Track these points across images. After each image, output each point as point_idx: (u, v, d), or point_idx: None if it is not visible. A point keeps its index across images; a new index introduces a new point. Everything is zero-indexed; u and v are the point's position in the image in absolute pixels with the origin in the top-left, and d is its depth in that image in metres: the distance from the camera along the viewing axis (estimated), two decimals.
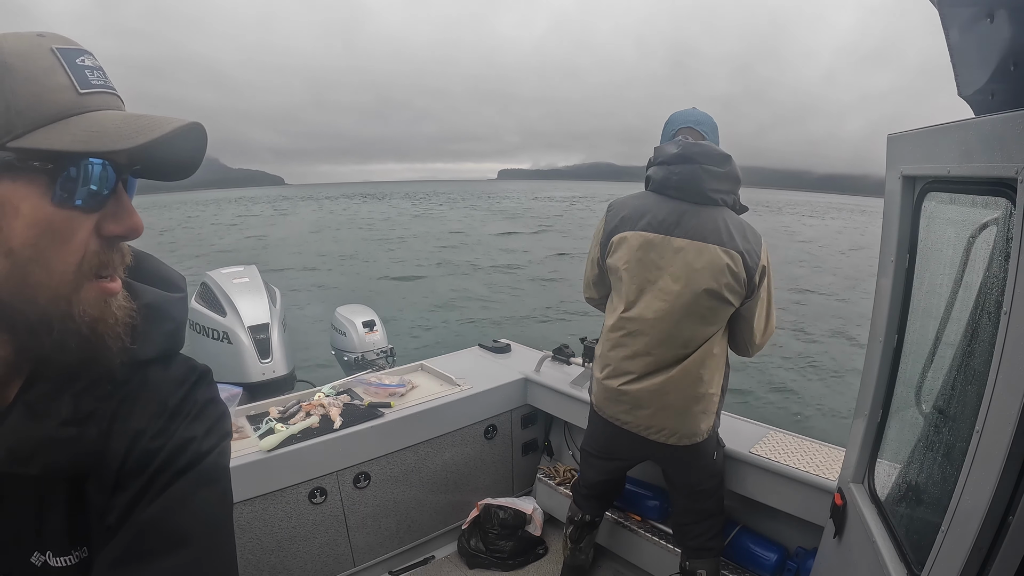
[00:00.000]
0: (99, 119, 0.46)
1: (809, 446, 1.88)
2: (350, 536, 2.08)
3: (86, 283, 0.47)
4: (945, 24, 0.91)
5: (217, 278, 2.96)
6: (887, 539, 1.08)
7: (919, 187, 1.10)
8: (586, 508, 1.99)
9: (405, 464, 2.18)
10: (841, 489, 1.37)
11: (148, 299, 0.55)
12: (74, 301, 0.46)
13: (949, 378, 1.09)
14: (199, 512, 0.53)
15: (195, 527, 0.52)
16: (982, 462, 0.76)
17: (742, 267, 1.56)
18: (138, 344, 0.52)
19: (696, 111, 1.72)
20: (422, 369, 2.62)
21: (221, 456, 0.57)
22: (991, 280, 0.91)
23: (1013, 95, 0.81)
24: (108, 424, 0.51)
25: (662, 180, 1.63)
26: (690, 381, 1.62)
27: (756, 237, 1.61)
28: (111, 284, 0.49)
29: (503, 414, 2.46)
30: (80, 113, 0.45)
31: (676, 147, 1.59)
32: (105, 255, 0.48)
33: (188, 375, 0.58)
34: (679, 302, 1.59)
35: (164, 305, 0.57)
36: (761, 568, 1.89)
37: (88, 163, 0.45)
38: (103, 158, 0.45)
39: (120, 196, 0.49)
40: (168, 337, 0.57)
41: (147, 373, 0.55)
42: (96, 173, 0.45)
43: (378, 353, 3.01)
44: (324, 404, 2.13)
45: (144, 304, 0.54)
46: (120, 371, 0.51)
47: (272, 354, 2.79)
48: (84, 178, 0.45)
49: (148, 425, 0.53)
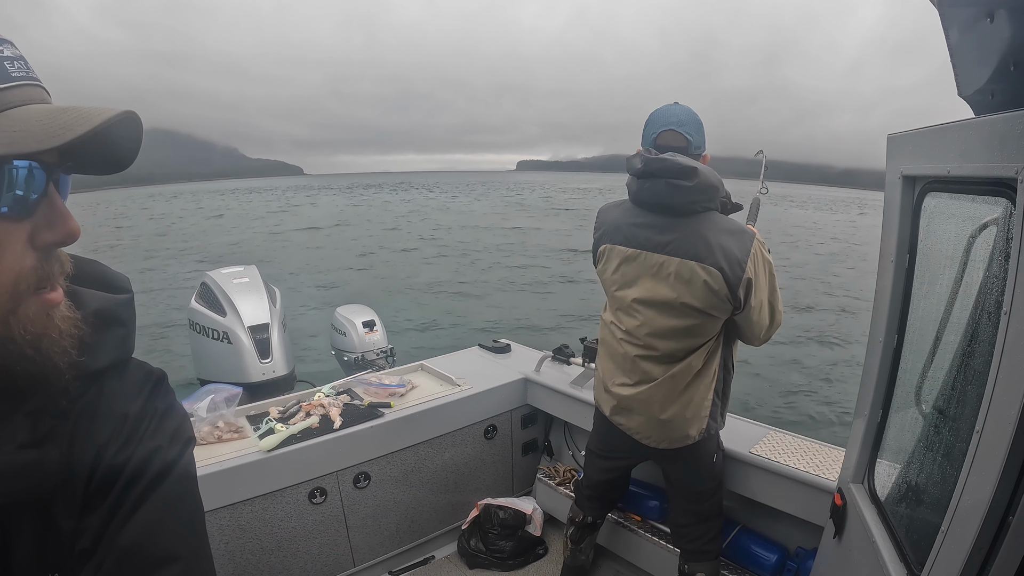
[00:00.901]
0: (22, 116, 0.41)
1: (809, 446, 1.88)
2: (350, 536, 2.08)
3: (25, 300, 0.43)
4: (945, 24, 0.91)
5: (217, 278, 2.96)
6: (887, 539, 1.08)
7: (919, 187, 1.10)
8: (588, 509, 1.99)
9: (405, 464, 2.18)
10: (841, 489, 1.37)
11: (95, 305, 0.51)
12: (12, 322, 0.42)
13: (949, 378, 1.09)
14: (180, 526, 0.51)
15: (179, 542, 0.50)
16: (982, 462, 0.76)
17: (723, 283, 1.48)
18: (89, 354, 0.49)
19: (678, 107, 1.59)
20: (422, 369, 2.62)
21: (189, 463, 0.55)
22: (991, 280, 0.91)
23: (1013, 95, 0.81)
24: (68, 443, 0.48)
25: (635, 193, 1.57)
26: (676, 393, 1.60)
27: (743, 244, 1.49)
28: (52, 295, 0.45)
29: (503, 414, 2.46)
30: (1, 110, 0.41)
31: (640, 161, 1.51)
32: (44, 268, 0.44)
33: (145, 381, 0.55)
34: (660, 318, 1.57)
35: (113, 309, 0.53)
36: (761, 568, 1.89)
37: (11, 166, 0.40)
38: (29, 159, 0.41)
39: (52, 199, 0.44)
40: (120, 343, 0.54)
41: (102, 384, 0.52)
42: (22, 177, 0.41)
43: (378, 353, 3.01)
44: (324, 404, 2.13)
45: (91, 311, 0.50)
46: (74, 385, 0.48)
47: (272, 354, 2.79)
48: (9, 183, 0.40)
49: (110, 439, 0.50)
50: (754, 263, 1.50)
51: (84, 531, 0.47)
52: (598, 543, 2.17)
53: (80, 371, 0.48)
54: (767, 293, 1.56)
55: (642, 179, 1.53)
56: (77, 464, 0.48)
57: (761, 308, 1.56)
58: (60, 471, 0.47)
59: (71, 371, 0.46)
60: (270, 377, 2.75)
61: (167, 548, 0.49)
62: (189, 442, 0.56)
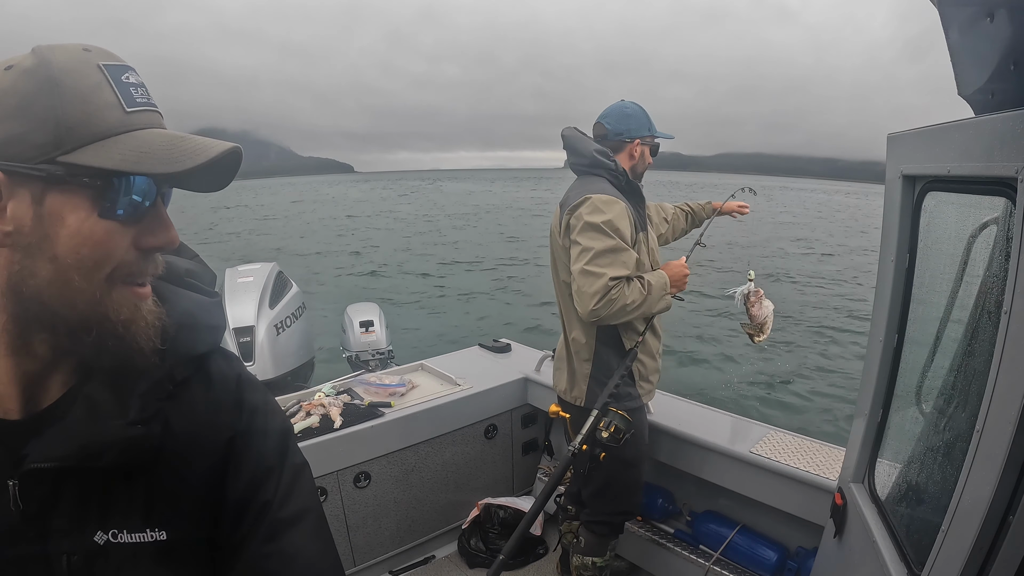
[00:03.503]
0: (147, 139, 0.48)
1: (809, 446, 1.88)
2: (350, 536, 2.09)
3: (118, 286, 0.49)
4: (945, 24, 0.91)
5: (227, 276, 2.97)
6: (887, 539, 1.08)
7: (919, 186, 1.10)
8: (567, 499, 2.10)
9: (405, 464, 2.18)
10: (841, 489, 1.37)
11: (185, 305, 0.59)
12: (108, 304, 0.49)
13: (949, 378, 1.09)
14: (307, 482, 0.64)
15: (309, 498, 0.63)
16: (982, 462, 0.76)
17: (565, 224, 1.71)
18: (180, 347, 0.56)
19: (614, 104, 1.84)
20: (422, 369, 2.62)
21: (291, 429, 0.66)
22: (991, 279, 0.92)
23: (1013, 95, 0.81)
24: (171, 420, 0.55)
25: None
26: (567, 354, 1.83)
27: (581, 194, 1.68)
28: (142, 289, 0.52)
29: (503, 414, 2.47)
30: (127, 131, 0.47)
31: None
32: (138, 265, 0.50)
33: (232, 365, 0.64)
34: (556, 280, 1.86)
35: (199, 311, 0.61)
36: (761, 568, 1.89)
37: (132, 179, 0.48)
38: (159, 179, 0.48)
39: (159, 210, 0.51)
40: (206, 340, 0.61)
41: (201, 373, 0.60)
42: (140, 188, 0.48)
43: (373, 354, 3.01)
44: (324, 404, 2.14)
45: (181, 311, 0.58)
46: (179, 371, 0.56)
47: (254, 358, 2.77)
48: (127, 192, 0.48)
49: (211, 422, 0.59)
50: (587, 210, 1.65)
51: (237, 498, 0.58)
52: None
53: (175, 359, 0.55)
54: (577, 254, 1.65)
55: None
56: (175, 441, 0.55)
57: (575, 257, 1.65)
58: (157, 447, 0.53)
59: (154, 356, 0.53)
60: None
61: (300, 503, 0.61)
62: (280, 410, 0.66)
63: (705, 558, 1.97)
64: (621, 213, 1.64)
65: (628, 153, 1.80)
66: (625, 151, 1.80)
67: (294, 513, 0.60)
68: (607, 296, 1.58)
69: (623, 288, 1.60)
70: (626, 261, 1.62)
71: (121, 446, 0.51)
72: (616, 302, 1.59)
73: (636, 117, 1.80)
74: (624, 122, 1.80)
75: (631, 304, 1.61)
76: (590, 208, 1.64)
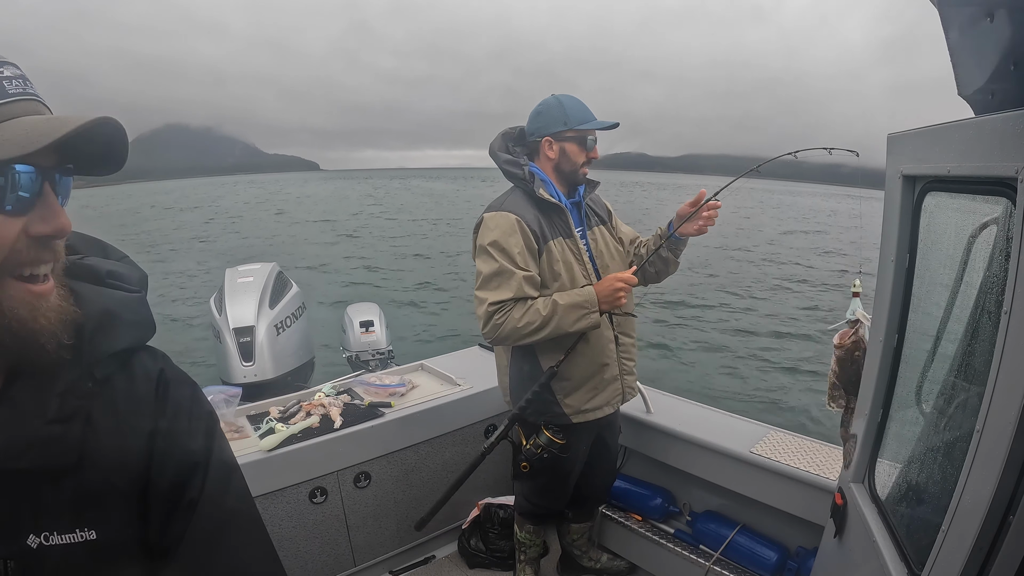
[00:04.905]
0: (12, 127, 0.47)
1: (809, 446, 1.88)
2: (350, 536, 2.09)
3: (10, 282, 0.49)
4: (945, 24, 0.91)
5: (228, 276, 2.98)
6: (887, 539, 1.08)
7: (919, 186, 1.10)
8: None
9: (405, 464, 2.18)
10: (841, 489, 1.37)
11: (103, 303, 0.58)
12: (3, 298, 0.48)
13: (949, 378, 1.09)
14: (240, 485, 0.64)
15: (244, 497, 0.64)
16: (982, 462, 0.76)
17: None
18: (99, 344, 0.56)
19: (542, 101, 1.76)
20: (422, 369, 2.62)
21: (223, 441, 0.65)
22: (991, 279, 0.91)
23: (1013, 95, 0.81)
24: (89, 421, 0.54)
25: None
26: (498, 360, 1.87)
27: (486, 210, 1.68)
28: (39, 287, 0.50)
29: (503, 414, 2.46)
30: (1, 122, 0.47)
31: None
32: (30, 254, 0.49)
33: (156, 361, 0.63)
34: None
35: (119, 307, 0.59)
36: (762, 568, 1.89)
37: (14, 170, 0.47)
38: (20, 162, 0.47)
39: (47, 198, 0.50)
40: (128, 336, 0.60)
41: (121, 371, 0.59)
42: (24, 179, 0.48)
43: (373, 354, 3.01)
44: (324, 404, 2.14)
45: (99, 309, 0.57)
46: (98, 369, 0.56)
47: (254, 358, 2.76)
48: (12, 185, 0.47)
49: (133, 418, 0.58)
50: (482, 231, 1.66)
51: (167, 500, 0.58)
52: (600, 543, 2.18)
53: (94, 357, 0.55)
54: (480, 271, 1.63)
55: None
56: (98, 440, 0.54)
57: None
58: (79, 446, 0.53)
59: (62, 355, 0.52)
60: (251, 380, 2.72)
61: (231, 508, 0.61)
62: (212, 415, 0.65)
63: (705, 558, 1.97)
64: (509, 229, 1.59)
65: (543, 153, 1.70)
66: (540, 152, 1.71)
67: (225, 513, 0.60)
68: (491, 321, 1.57)
69: (509, 312, 1.56)
70: (511, 283, 1.56)
71: (40, 446, 0.50)
72: (503, 326, 1.56)
73: (547, 113, 1.69)
74: (534, 121, 1.72)
75: (525, 327, 1.56)
76: (482, 228, 1.65)
